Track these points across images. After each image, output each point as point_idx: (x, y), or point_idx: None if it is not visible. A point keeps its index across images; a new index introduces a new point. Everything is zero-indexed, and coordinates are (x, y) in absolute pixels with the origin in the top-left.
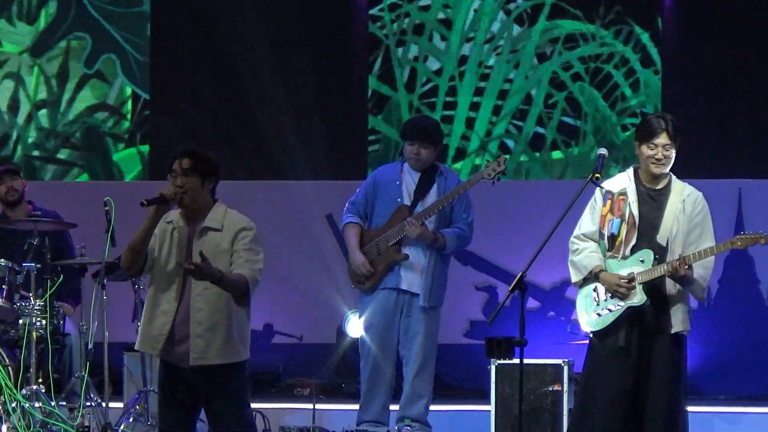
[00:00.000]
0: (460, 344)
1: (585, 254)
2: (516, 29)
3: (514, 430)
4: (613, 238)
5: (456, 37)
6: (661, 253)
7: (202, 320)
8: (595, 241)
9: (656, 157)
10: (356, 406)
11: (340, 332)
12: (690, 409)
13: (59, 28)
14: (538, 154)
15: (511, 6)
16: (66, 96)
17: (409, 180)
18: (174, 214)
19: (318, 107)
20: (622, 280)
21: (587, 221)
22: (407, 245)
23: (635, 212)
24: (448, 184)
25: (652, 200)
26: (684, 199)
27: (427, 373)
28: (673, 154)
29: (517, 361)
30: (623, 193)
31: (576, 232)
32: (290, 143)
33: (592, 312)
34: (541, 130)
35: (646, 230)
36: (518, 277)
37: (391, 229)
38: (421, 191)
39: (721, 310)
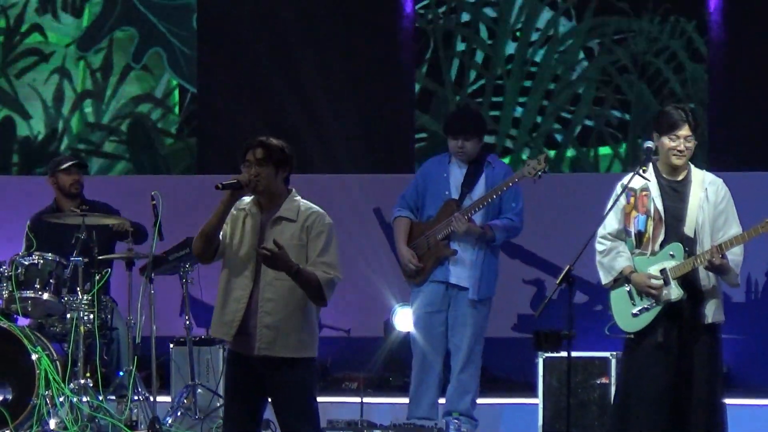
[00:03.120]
0: (508, 337)
1: (613, 255)
2: (563, 25)
3: (561, 424)
4: (640, 234)
5: (503, 34)
6: (689, 244)
7: (271, 311)
8: (621, 240)
9: (678, 148)
10: (404, 400)
11: (388, 326)
12: (732, 401)
13: (106, 22)
14: (585, 149)
15: (558, 3)
16: (111, 89)
17: (457, 172)
18: (247, 202)
19: (365, 102)
20: (652, 280)
21: (612, 220)
22: (456, 240)
23: (660, 206)
24: (496, 174)
25: (675, 192)
26: (706, 187)
27: (473, 368)
28: (693, 145)
29: (564, 354)
30: (645, 189)
31: (601, 231)
32: (338, 137)
33: (629, 312)
34: (589, 123)
35: (672, 223)
36: (566, 270)
37: (440, 224)
38: (468, 183)
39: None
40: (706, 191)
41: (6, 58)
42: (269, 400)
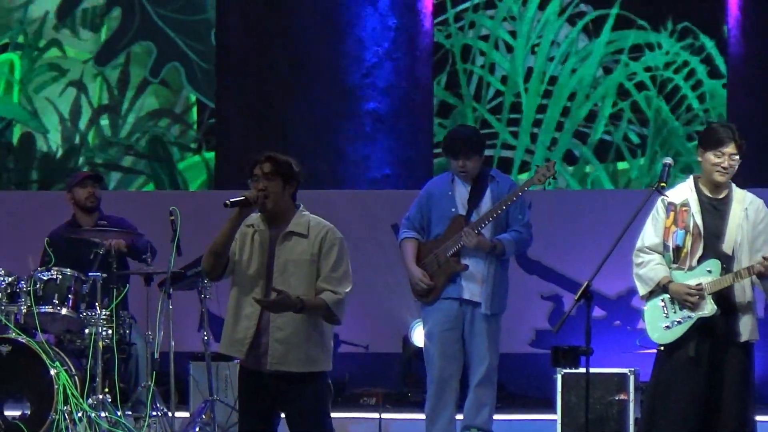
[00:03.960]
0: (526, 353)
1: (651, 266)
2: (581, 40)
3: None
4: (678, 249)
5: (521, 49)
6: (727, 261)
7: (283, 326)
8: (659, 253)
9: (722, 165)
10: (422, 416)
11: (407, 341)
12: (764, 419)
13: (123, 36)
14: (603, 164)
15: (576, 17)
16: (129, 104)
17: (462, 189)
18: (255, 218)
19: (384, 116)
20: (691, 289)
21: (650, 233)
22: (466, 255)
23: (699, 223)
24: (501, 188)
25: (715, 210)
26: (746, 207)
27: (490, 381)
28: (737, 163)
29: (583, 370)
30: (686, 204)
31: (639, 245)
32: (356, 152)
33: (661, 325)
34: (607, 137)
35: (711, 240)
36: (584, 286)
37: (449, 240)
38: (474, 199)
39: None
40: (746, 211)
41: (25, 74)
42: (283, 415)
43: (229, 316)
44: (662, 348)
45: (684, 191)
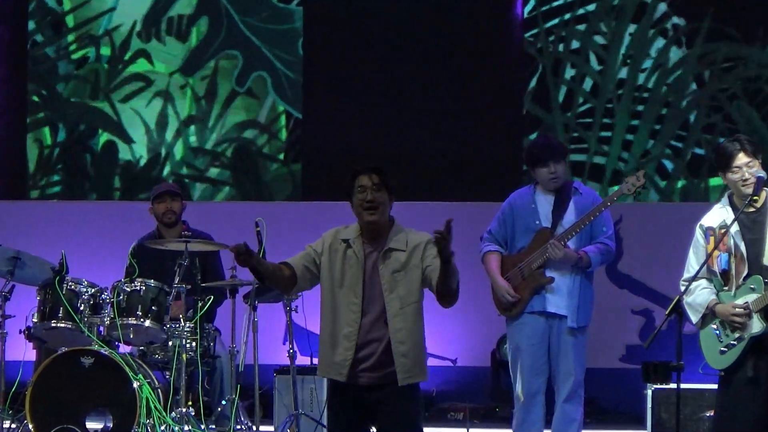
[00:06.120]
0: (616, 368)
1: (697, 292)
2: (674, 53)
3: None
4: (725, 273)
5: (613, 60)
6: None
7: (405, 339)
8: (707, 279)
9: (743, 178)
10: (510, 431)
11: (495, 355)
12: None
13: (210, 46)
14: (696, 180)
15: (669, 29)
16: (215, 114)
17: (544, 202)
18: (349, 231)
19: (472, 128)
20: (736, 309)
21: (693, 263)
22: (551, 267)
23: (740, 242)
24: (585, 201)
25: (754, 224)
26: None
27: (578, 396)
28: (758, 169)
29: (674, 386)
30: (724, 226)
31: (685, 276)
32: (445, 164)
33: (717, 350)
34: (699, 151)
35: (753, 256)
36: (675, 300)
37: (534, 253)
38: (558, 212)
39: None
40: None
41: (110, 84)
42: (374, 429)
43: (325, 337)
44: (722, 373)
45: (720, 213)
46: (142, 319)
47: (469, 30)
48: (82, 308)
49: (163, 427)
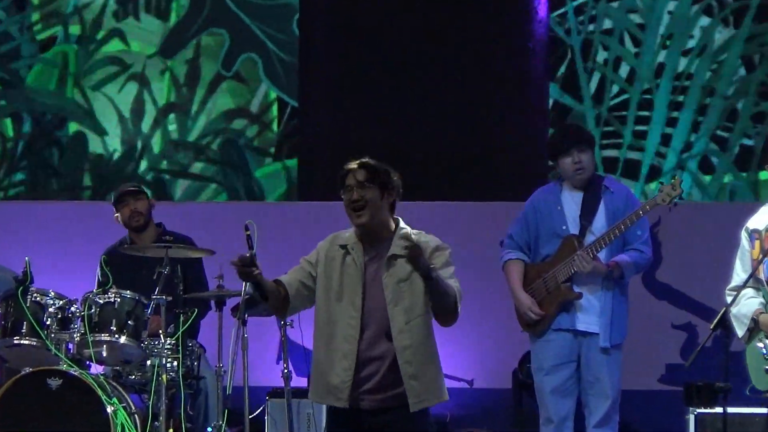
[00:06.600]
0: (654, 390)
1: (743, 302)
2: (719, 34)
3: None
4: None
5: (651, 43)
6: None
7: (412, 358)
8: (754, 288)
9: None
10: None
11: (517, 376)
12: None
13: (193, 24)
14: (744, 174)
15: (714, 6)
16: (199, 101)
17: (571, 202)
18: (348, 237)
19: (492, 119)
20: None
21: (739, 271)
22: (579, 281)
23: None
24: (616, 200)
25: None
26: None
27: (612, 421)
28: None
29: (720, 410)
30: None
31: (731, 285)
32: (460, 159)
33: (763, 368)
34: (748, 142)
35: None
36: (721, 313)
37: (560, 264)
38: (587, 214)
39: None
40: None
41: (81, 68)
42: None
43: (321, 357)
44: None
45: (766, 214)
46: (116, 335)
47: (488, 7)
48: (48, 323)
49: None
